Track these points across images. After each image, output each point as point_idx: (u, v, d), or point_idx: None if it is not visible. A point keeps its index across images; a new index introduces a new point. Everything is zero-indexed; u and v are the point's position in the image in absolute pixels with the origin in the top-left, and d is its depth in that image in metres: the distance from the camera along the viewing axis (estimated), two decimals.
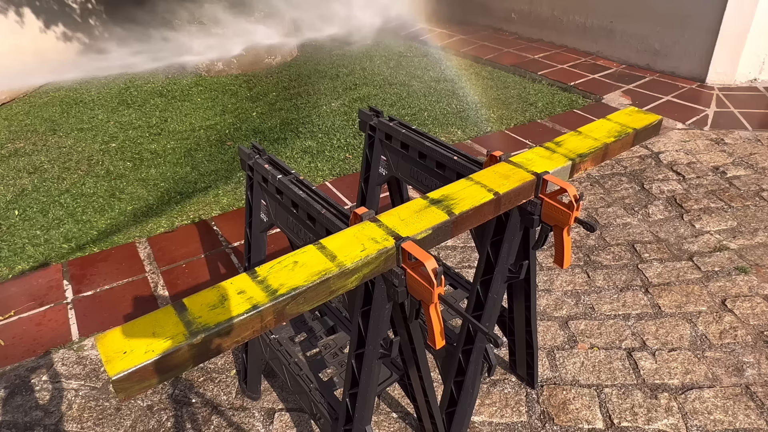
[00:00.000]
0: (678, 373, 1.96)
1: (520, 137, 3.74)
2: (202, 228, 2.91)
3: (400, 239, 1.00)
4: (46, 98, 4.87)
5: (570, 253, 1.32)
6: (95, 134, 4.08)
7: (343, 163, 3.47)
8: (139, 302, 2.41)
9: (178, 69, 5.39)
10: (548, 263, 2.53)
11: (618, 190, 3.08)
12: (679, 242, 2.63)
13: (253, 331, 0.86)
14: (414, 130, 1.66)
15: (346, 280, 0.95)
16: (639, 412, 1.82)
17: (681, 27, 4.38)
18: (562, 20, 5.36)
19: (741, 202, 2.90)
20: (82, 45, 5.76)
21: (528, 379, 1.93)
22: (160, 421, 1.88)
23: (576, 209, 1.19)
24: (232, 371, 2.07)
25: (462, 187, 1.17)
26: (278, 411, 1.91)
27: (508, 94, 4.44)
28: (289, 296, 0.87)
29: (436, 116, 4.08)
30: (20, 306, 2.41)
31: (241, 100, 4.60)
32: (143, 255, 2.71)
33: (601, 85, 4.44)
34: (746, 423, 1.76)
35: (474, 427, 1.81)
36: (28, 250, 2.78)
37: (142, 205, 3.14)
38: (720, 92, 4.19)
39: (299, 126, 4.03)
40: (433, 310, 1.04)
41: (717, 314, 2.20)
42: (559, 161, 1.28)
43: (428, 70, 5.04)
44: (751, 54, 4.19)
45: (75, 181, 3.44)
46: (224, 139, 3.91)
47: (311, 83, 4.86)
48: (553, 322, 2.21)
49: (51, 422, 1.89)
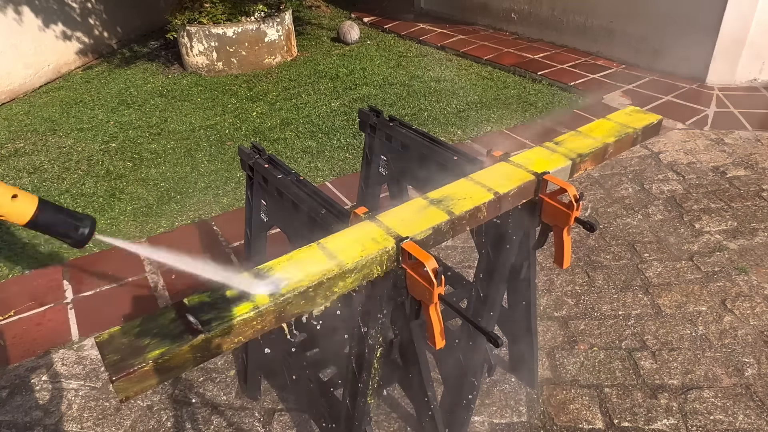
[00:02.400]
0: (678, 373, 1.96)
1: (520, 137, 3.74)
2: (202, 228, 2.91)
3: (400, 239, 1.00)
4: (46, 98, 4.87)
5: (570, 253, 1.32)
6: (95, 134, 4.08)
7: (343, 163, 3.47)
8: (139, 302, 2.41)
9: (178, 69, 5.40)
10: (548, 263, 2.52)
11: (618, 190, 3.08)
12: (679, 242, 2.63)
13: (253, 331, 0.86)
14: (414, 130, 1.66)
15: (346, 280, 0.95)
16: (639, 412, 1.82)
17: (681, 27, 4.38)
18: (562, 20, 5.36)
19: (741, 202, 2.90)
20: (82, 45, 5.76)
21: (528, 379, 1.93)
22: (160, 421, 1.88)
23: (576, 209, 1.19)
24: (232, 371, 2.07)
25: (462, 187, 1.17)
26: (278, 411, 1.91)
27: (508, 94, 4.44)
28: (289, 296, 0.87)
29: (436, 116, 4.08)
30: (20, 306, 2.41)
31: (241, 100, 4.60)
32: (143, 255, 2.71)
33: (601, 85, 4.44)
34: (746, 423, 1.76)
35: (474, 427, 1.81)
36: (28, 250, 2.77)
37: (142, 205, 3.14)
38: (720, 92, 4.19)
39: (299, 126, 4.03)
40: (433, 310, 1.04)
41: (717, 314, 2.20)
42: (559, 161, 1.28)
43: (428, 70, 5.04)
44: (751, 54, 4.18)
45: (75, 181, 3.43)
46: (224, 139, 3.91)
47: (311, 83, 4.86)
48: (553, 322, 2.21)
49: (51, 422, 1.89)
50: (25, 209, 0.77)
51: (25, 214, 0.77)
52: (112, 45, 6.20)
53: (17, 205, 0.76)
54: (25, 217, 0.78)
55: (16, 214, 0.77)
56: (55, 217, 0.80)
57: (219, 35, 5.06)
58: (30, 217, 0.79)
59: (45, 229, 0.80)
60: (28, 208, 0.77)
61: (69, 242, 0.84)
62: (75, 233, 0.82)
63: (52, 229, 0.81)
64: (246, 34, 5.14)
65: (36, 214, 0.79)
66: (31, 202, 0.78)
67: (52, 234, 0.81)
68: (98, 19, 5.97)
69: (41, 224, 0.80)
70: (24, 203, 0.76)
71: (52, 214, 0.80)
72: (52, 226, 0.80)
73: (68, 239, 0.83)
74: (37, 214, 0.79)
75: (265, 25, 5.20)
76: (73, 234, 0.82)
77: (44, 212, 0.79)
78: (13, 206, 0.76)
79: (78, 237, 0.82)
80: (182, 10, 5.10)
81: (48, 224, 0.80)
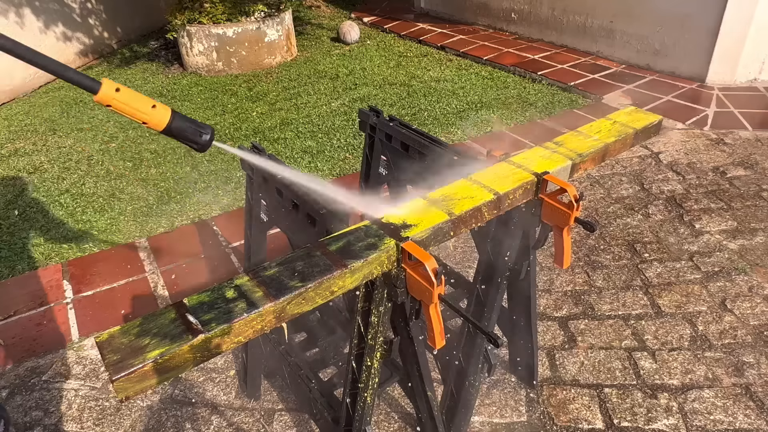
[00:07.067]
0: (678, 373, 1.96)
1: (520, 137, 3.74)
2: (202, 228, 2.91)
3: (401, 239, 1.00)
4: (46, 98, 4.87)
5: (570, 253, 1.32)
6: (95, 134, 4.08)
7: (343, 163, 3.47)
8: (139, 302, 2.41)
9: (178, 69, 5.40)
10: (548, 263, 2.53)
11: (618, 190, 3.08)
12: (679, 242, 2.63)
13: (254, 331, 0.86)
14: (414, 130, 1.66)
15: (346, 280, 0.95)
16: (639, 412, 1.82)
17: (681, 27, 4.38)
18: (562, 20, 5.36)
19: (741, 202, 2.90)
20: (82, 45, 5.76)
21: (528, 379, 1.93)
22: (160, 421, 1.88)
23: (576, 209, 1.19)
24: (232, 371, 2.07)
25: (462, 187, 1.17)
26: (278, 411, 1.91)
27: (508, 94, 4.44)
28: (289, 296, 0.87)
29: (436, 116, 4.08)
30: (20, 306, 2.41)
31: (241, 100, 4.60)
32: (143, 255, 2.71)
33: (601, 85, 4.44)
34: (746, 423, 1.76)
35: (474, 427, 1.81)
36: (28, 250, 2.77)
37: (142, 205, 3.14)
38: (720, 92, 4.19)
39: (299, 126, 4.03)
40: (433, 310, 1.04)
41: (717, 314, 2.20)
42: (560, 161, 1.28)
43: (428, 70, 5.04)
44: (751, 54, 4.18)
45: (75, 181, 3.44)
46: (224, 139, 3.91)
47: (311, 83, 4.86)
48: (553, 322, 2.21)
49: (51, 422, 1.89)
50: (163, 117, 0.89)
51: (163, 121, 0.89)
52: (112, 45, 6.20)
53: (156, 113, 0.88)
54: (162, 123, 0.90)
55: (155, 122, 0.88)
56: (185, 124, 0.92)
57: (219, 35, 5.06)
58: (166, 123, 0.90)
59: (177, 134, 0.92)
60: (165, 116, 0.90)
61: (195, 147, 0.96)
62: (200, 138, 0.94)
63: (182, 135, 0.92)
64: (246, 34, 5.14)
65: (170, 121, 0.91)
66: (166, 111, 0.90)
67: (181, 139, 0.93)
68: (98, 20, 5.97)
69: (174, 130, 0.91)
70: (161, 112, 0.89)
71: (182, 122, 0.91)
72: (183, 131, 0.92)
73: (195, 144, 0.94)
74: (171, 121, 0.91)
75: (265, 25, 5.21)
76: (198, 139, 0.94)
77: (176, 120, 0.91)
78: (153, 114, 0.88)
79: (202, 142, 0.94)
80: (182, 10, 5.10)
81: (180, 130, 0.92)
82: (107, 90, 0.86)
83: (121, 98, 0.86)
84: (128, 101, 0.86)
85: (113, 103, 0.87)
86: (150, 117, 0.88)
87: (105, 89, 0.86)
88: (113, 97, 0.86)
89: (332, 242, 1.00)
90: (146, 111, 0.87)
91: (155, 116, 0.88)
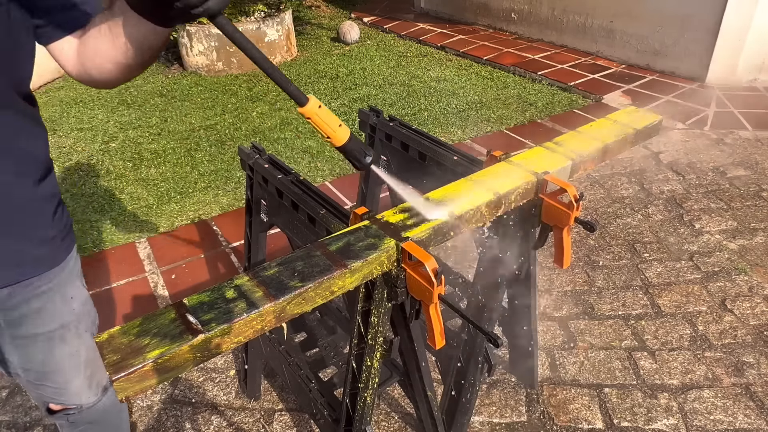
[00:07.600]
0: (678, 373, 1.96)
1: (520, 137, 3.74)
2: (202, 228, 2.91)
3: (401, 239, 1.00)
4: (46, 98, 4.87)
5: (570, 253, 1.32)
6: (95, 134, 4.08)
7: (343, 163, 3.47)
8: (139, 302, 2.41)
9: (178, 69, 5.40)
10: (548, 263, 2.53)
11: (618, 190, 3.08)
12: (679, 242, 2.63)
13: (253, 331, 0.86)
14: (414, 130, 1.66)
15: (346, 281, 0.95)
16: (639, 412, 1.82)
17: (681, 27, 4.38)
18: (562, 20, 5.36)
19: (741, 202, 2.90)
20: None
21: (528, 379, 1.93)
22: (160, 421, 1.88)
23: (576, 209, 1.19)
24: (232, 371, 2.07)
25: (462, 187, 1.17)
26: (278, 411, 1.91)
27: (508, 94, 4.44)
28: (289, 296, 0.87)
29: (436, 116, 4.08)
30: None
31: (241, 100, 4.60)
32: (143, 255, 2.71)
33: (601, 85, 4.44)
34: (746, 423, 1.77)
35: (474, 427, 1.81)
36: None
37: (142, 205, 3.14)
38: (720, 92, 4.19)
39: (299, 126, 4.03)
40: (433, 310, 1.03)
41: (717, 314, 2.20)
42: (560, 161, 1.28)
43: (428, 70, 5.04)
44: (751, 54, 4.18)
45: (75, 181, 3.44)
46: (224, 139, 3.91)
47: (311, 83, 4.86)
48: (553, 322, 2.22)
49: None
50: (343, 135, 1.00)
51: (342, 139, 1.00)
52: None
53: (340, 131, 0.99)
54: (342, 141, 1.00)
55: (337, 138, 0.99)
56: (356, 145, 1.02)
57: (219, 35, 5.06)
58: (345, 141, 1.00)
59: (348, 151, 1.02)
60: (345, 135, 1.00)
61: (357, 165, 1.05)
62: (363, 159, 1.04)
63: (351, 153, 1.02)
64: (246, 34, 5.10)
65: (348, 140, 1.01)
66: (346, 131, 1.01)
67: (349, 156, 1.03)
68: None
69: (347, 147, 1.01)
70: (343, 131, 1.00)
71: (354, 143, 1.02)
72: (353, 150, 1.02)
73: (359, 162, 1.04)
74: (348, 140, 1.01)
75: (265, 25, 5.20)
76: (362, 159, 1.04)
77: (351, 140, 1.01)
78: (338, 131, 0.98)
79: (365, 162, 1.04)
80: None
81: (351, 149, 1.02)
82: (312, 106, 0.95)
83: (321, 114, 0.96)
84: (325, 118, 0.97)
85: (313, 117, 0.97)
86: (335, 134, 0.98)
87: (311, 105, 0.95)
88: (315, 112, 0.96)
89: (332, 242, 1.00)
90: (334, 128, 0.98)
91: (339, 134, 0.99)
